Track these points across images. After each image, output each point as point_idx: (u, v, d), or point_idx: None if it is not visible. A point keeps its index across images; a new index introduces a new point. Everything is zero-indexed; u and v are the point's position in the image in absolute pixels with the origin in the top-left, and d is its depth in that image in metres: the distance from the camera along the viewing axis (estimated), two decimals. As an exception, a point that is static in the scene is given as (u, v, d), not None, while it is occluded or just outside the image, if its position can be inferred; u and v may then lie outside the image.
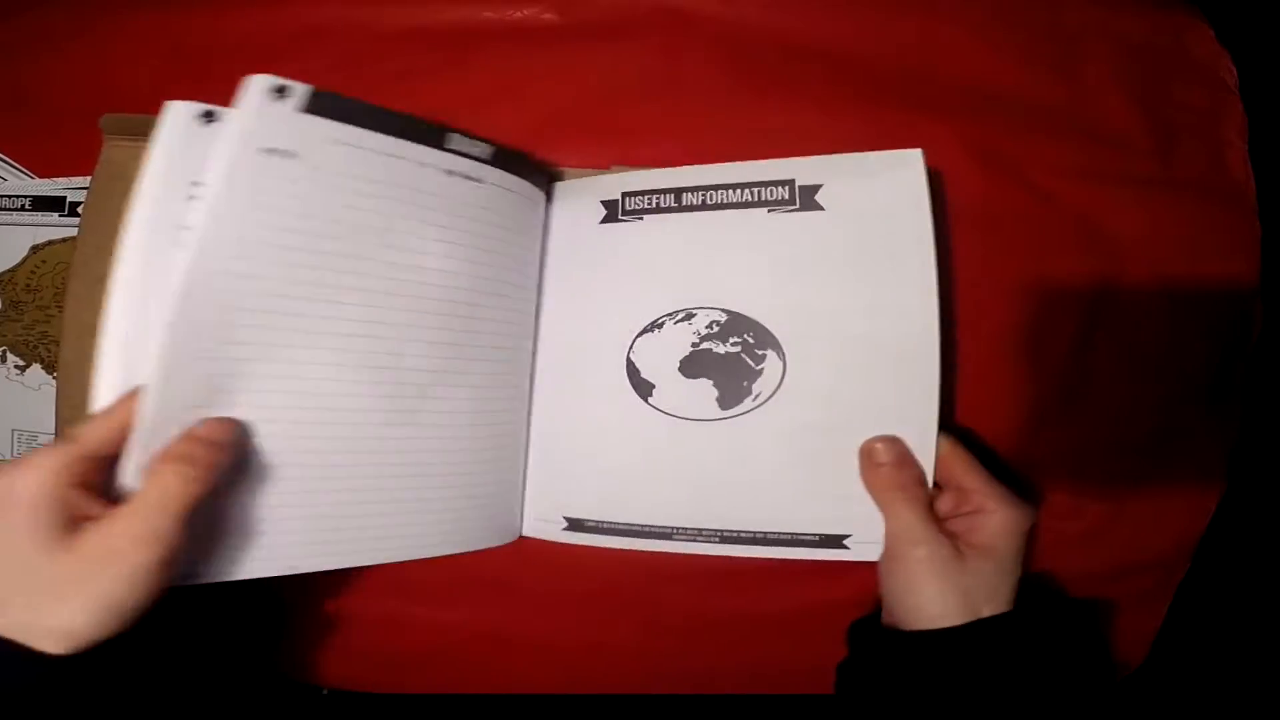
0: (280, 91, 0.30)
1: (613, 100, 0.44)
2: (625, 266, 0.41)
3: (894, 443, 0.36)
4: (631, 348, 0.40)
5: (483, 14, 0.44)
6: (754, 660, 0.44)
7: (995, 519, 0.34)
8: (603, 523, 0.40)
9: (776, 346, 0.38)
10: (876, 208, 0.37)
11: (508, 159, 0.38)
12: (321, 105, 0.31)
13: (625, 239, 0.41)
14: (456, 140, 0.36)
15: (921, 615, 0.33)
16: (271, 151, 0.30)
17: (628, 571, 0.42)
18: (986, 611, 0.33)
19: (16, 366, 0.45)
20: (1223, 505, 0.41)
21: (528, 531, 0.42)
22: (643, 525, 0.40)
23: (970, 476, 0.36)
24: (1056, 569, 0.42)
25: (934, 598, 0.33)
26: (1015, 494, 0.35)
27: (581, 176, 0.43)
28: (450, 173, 0.36)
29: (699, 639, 0.45)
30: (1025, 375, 0.41)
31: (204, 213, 0.29)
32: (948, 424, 0.37)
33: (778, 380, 0.38)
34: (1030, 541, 0.36)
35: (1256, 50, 0.42)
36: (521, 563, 0.43)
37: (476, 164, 0.37)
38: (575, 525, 0.41)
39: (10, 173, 0.45)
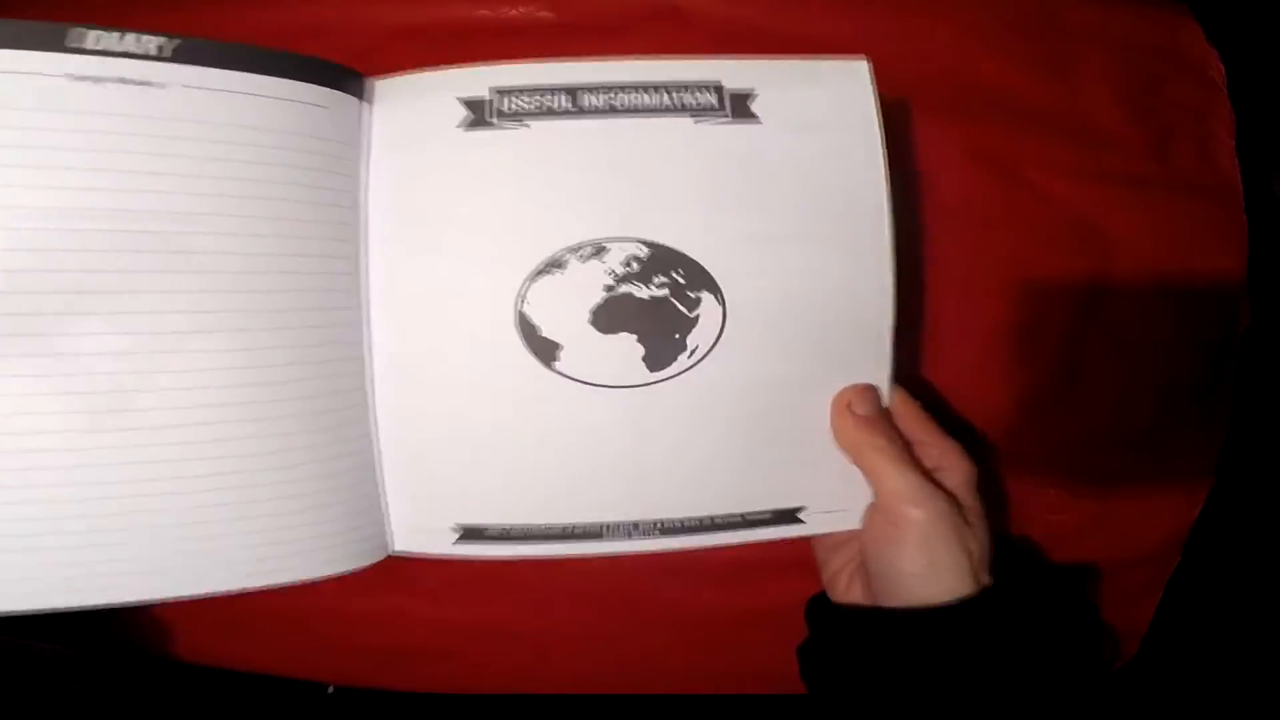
0: None
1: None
2: (507, 185, 0.30)
3: (869, 392, 0.31)
4: (523, 296, 0.30)
5: (478, 11, 0.42)
6: (754, 658, 0.42)
7: (958, 474, 0.31)
8: (510, 527, 0.30)
9: (713, 287, 0.30)
10: (819, 121, 0.31)
11: (212, 54, 0.27)
12: None
13: (503, 149, 0.30)
14: (89, 38, 0.26)
15: (931, 587, 0.28)
16: None
17: (628, 566, 0.41)
18: (985, 578, 0.29)
19: None
20: (1212, 499, 0.42)
21: (401, 547, 0.31)
22: (562, 526, 0.30)
23: (925, 430, 0.32)
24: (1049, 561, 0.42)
25: (948, 565, 0.28)
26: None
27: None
28: (85, 79, 0.26)
29: (697, 635, 0.43)
30: (1018, 371, 0.41)
31: None
32: (901, 374, 0.32)
33: (717, 329, 0.30)
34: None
35: (1243, 48, 0.43)
36: (521, 559, 0.38)
37: (142, 64, 0.26)
38: (471, 534, 0.31)
39: None
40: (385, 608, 0.43)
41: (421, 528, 0.31)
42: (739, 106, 0.31)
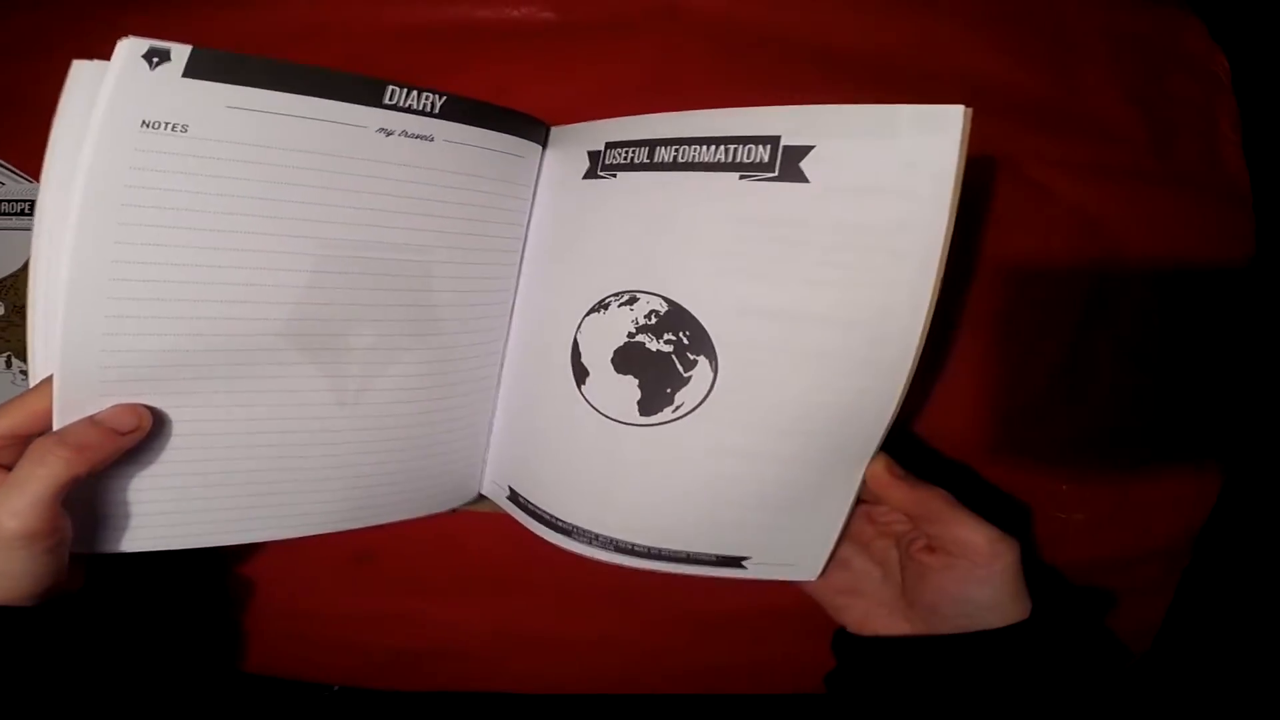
0: (156, 56, 0.25)
1: (610, 98, 0.42)
2: (591, 231, 0.35)
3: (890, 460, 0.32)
4: (579, 326, 0.35)
5: (479, 12, 0.44)
6: (766, 657, 0.44)
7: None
8: (529, 502, 0.37)
9: (710, 353, 0.30)
10: (878, 184, 0.27)
11: (464, 111, 0.33)
12: (211, 67, 0.26)
13: (597, 198, 0.35)
14: (394, 94, 0.30)
15: (999, 614, 0.31)
16: (153, 125, 0.26)
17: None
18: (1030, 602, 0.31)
19: (21, 372, 0.43)
20: (1224, 494, 0.41)
21: (484, 490, 0.41)
22: (549, 515, 0.36)
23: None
24: (1061, 558, 0.42)
25: (1020, 593, 0.31)
26: None
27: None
28: (387, 132, 0.31)
29: (708, 634, 0.44)
30: (1025, 366, 0.42)
31: (80, 196, 0.26)
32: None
33: (703, 394, 0.30)
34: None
35: (1248, 45, 0.42)
36: (528, 559, 0.42)
37: (423, 119, 0.32)
38: (513, 498, 0.38)
39: (9, 177, 0.43)
40: (392, 608, 0.44)
41: (495, 480, 0.40)
42: (789, 164, 0.28)
